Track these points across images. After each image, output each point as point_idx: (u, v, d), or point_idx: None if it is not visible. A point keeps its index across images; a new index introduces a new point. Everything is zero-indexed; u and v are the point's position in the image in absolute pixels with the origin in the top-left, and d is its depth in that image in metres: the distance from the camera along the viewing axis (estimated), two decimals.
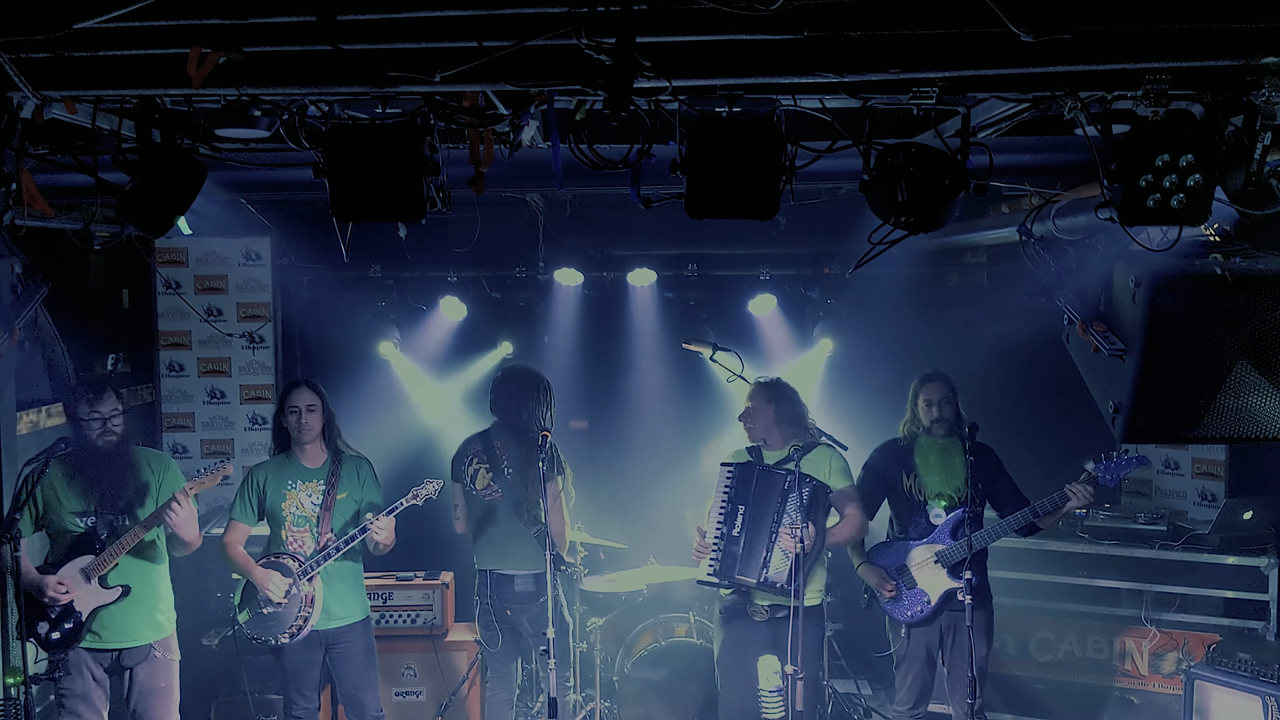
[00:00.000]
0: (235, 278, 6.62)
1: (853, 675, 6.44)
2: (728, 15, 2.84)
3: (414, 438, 7.22)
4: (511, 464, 5.04)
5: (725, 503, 4.82)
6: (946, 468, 4.92)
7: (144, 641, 4.53)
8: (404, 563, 6.35)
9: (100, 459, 4.43)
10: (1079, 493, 4.72)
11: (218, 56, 3.08)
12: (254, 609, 4.77)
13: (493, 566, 5.09)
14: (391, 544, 4.82)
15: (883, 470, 5.09)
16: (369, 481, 4.95)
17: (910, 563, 4.95)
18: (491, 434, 5.19)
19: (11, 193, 3.58)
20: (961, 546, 4.76)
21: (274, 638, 4.73)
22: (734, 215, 3.42)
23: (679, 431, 6.99)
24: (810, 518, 4.59)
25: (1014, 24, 2.88)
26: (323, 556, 4.74)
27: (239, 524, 4.88)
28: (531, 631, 5.06)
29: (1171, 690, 5.79)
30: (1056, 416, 6.39)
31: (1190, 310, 3.38)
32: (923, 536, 4.93)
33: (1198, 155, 3.26)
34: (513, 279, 6.99)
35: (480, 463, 5.14)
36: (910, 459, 5.01)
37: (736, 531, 4.73)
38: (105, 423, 4.43)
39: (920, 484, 4.95)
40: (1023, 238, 4.43)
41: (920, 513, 4.96)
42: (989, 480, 4.95)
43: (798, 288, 7.22)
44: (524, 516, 4.99)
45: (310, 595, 4.73)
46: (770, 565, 4.64)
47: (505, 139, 3.56)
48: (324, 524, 4.80)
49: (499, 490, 5.05)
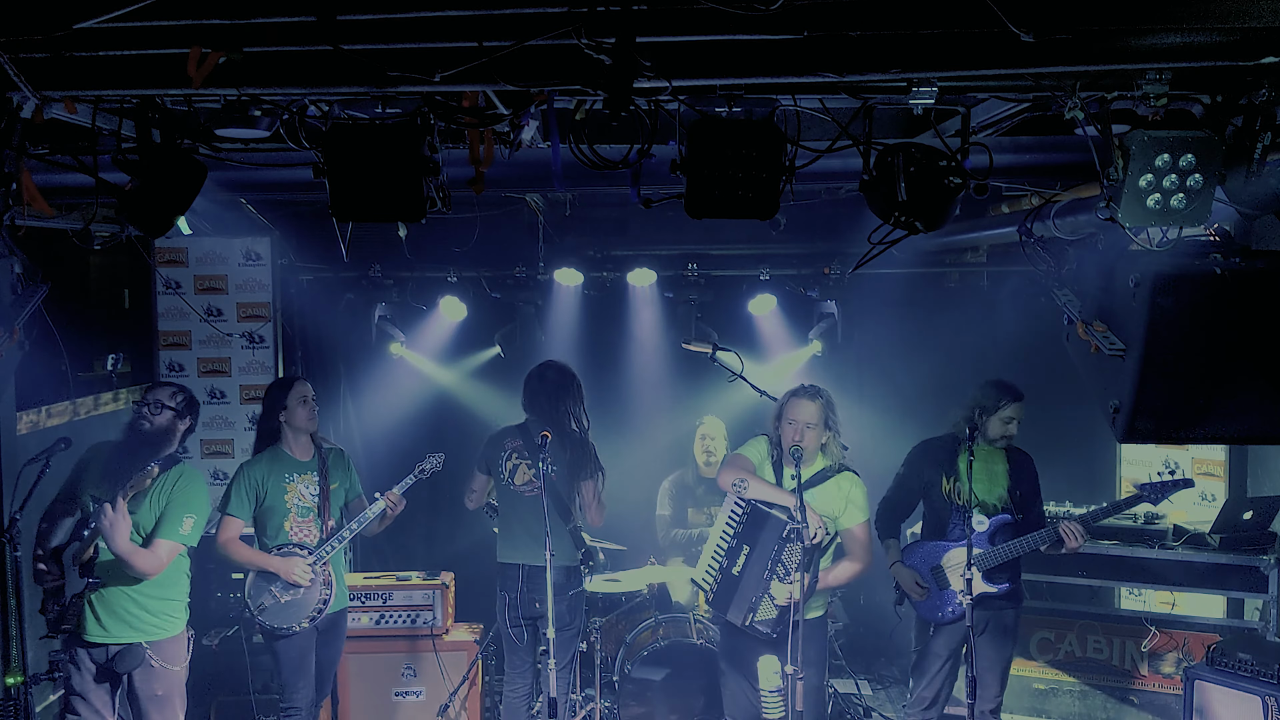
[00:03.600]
0: (235, 278, 6.61)
1: (853, 675, 6.44)
2: (728, 15, 2.83)
3: (414, 437, 7.23)
4: (557, 461, 5.03)
5: (731, 536, 4.71)
6: (989, 474, 4.88)
7: (132, 640, 4.40)
8: (404, 563, 6.37)
9: (126, 446, 4.44)
10: (1071, 533, 4.76)
11: (218, 56, 3.08)
12: (271, 599, 4.87)
13: (524, 560, 5.10)
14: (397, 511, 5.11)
15: (922, 470, 5.06)
16: (352, 470, 5.24)
17: (945, 564, 4.94)
18: (530, 429, 5.19)
19: (11, 193, 3.58)
20: (999, 552, 4.79)
21: (296, 624, 4.88)
22: (734, 215, 3.42)
23: (679, 431, 6.98)
24: (806, 568, 4.48)
25: (1014, 24, 2.88)
26: (336, 539, 4.97)
27: (235, 519, 4.90)
28: (557, 626, 4.93)
29: (1171, 690, 5.80)
30: (1056, 417, 6.39)
31: (1190, 310, 3.38)
32: (960, 539, 4.79)
33: (1198, 155, 3.26)
34: (513, 279, 6.99)
35: (520, 458, 5.18)
36: (953, 462, 4.93)
37: (736, 570, 4.66)
38: (141, 409, 4.48)
39: (962, 487, 4.85)
40: (1023, 238, 4.44)
41: (960, 516, 4.91)
42: (1029, 489, 4.97)
43: (798, 288, 7.22)
44: (564, 512, 5.06)
45: (329, 577, 4.95)
46: (758, 612, 4.61)
47: (505, 139, 3.56)
48: (325, 513, 4.99)
49: (539, 485, 4.92)
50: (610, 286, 7.27)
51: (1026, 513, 4.93)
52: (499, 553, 5.28)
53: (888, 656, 7.25)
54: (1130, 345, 3.46)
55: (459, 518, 6.66)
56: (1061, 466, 6.23)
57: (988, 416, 4.87)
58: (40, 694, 5.08)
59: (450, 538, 7.29)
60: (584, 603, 5.39)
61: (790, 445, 4.61)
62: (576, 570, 5.21)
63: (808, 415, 4.65)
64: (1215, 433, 3.55)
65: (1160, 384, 3.42)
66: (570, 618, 5.16)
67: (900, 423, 6.88)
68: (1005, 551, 4.81)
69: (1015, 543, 4.81)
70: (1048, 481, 5.15)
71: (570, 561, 5.14)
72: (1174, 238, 3.47)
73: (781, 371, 7.16)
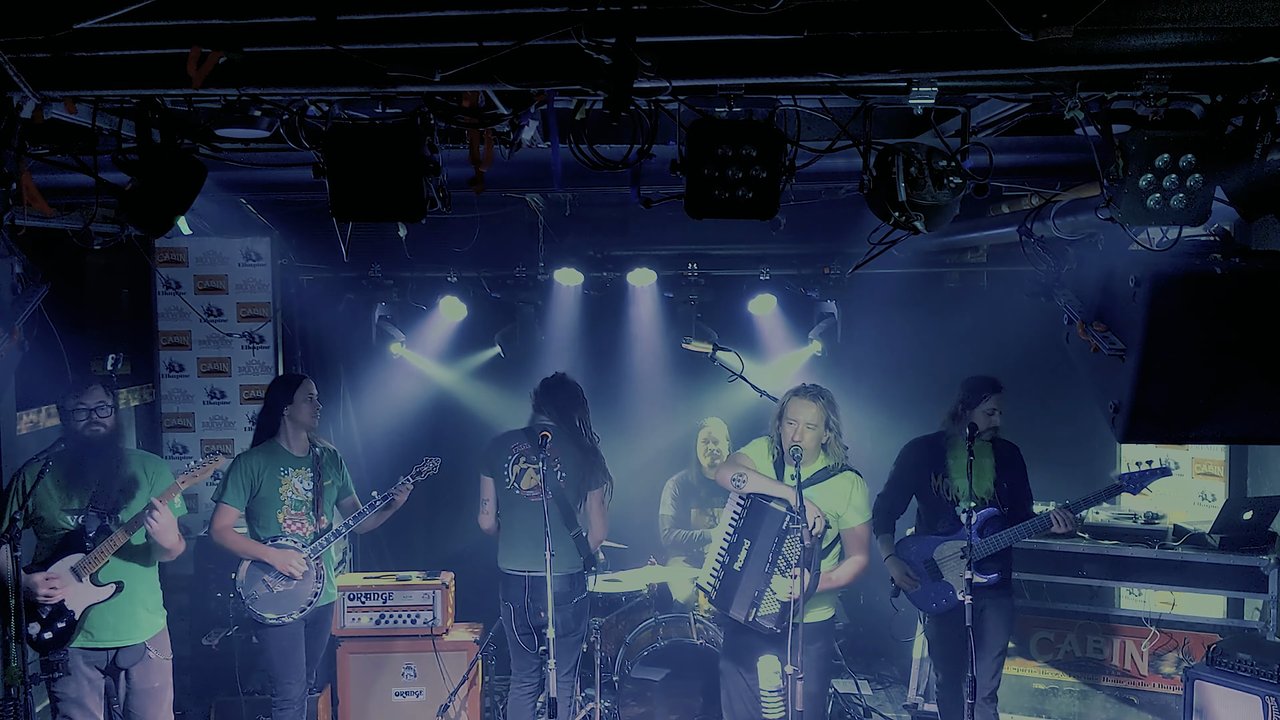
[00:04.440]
0: (235, 278, 6.62)
1: (852, 675, 6.44)
2: (728, 15, 2.83)
3: (415, 437, 7.23)
4: (566, 468, 5.04)
5: (733, 532, 4.73)
6: (977, 468, 4.93)
7: (138, 640, 4.52)
8: (404, 563, 6.36)
9: (89, 454, 4.41)
10: (1060, 520, 4.88)
11: (218, 56, 3.07)
12: (264, 589, 4.94)
13: (527, 569, 5.03)
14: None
15: (915, 467, 5.18)
16: (344, 470, 5.31)
17: (938, 556, 5.06)
18: (536, 432, 5.09)
19: (11, 193, 3.58)
20: (988, 544, 4.89)
21: (288, 615, 4.95)
22: (734, 215, 3.42)
23: (680, 431, 6.98)
24: (807, 564, 4.49)
25: (1014, 24, 2.88)
26: (333, 534, 5.05)
27: (230, 508, 4.96)
28: (561, 633, 4.97)
29: (1171, 690, 5.79)
30: (1056, 417, 6.40)
31: (1190, 310, 3.38)
32: (951, 532, 5.02)
33: (1198, 155, 3.26)
34: (513, 279, 6.99)
35: (528, 462, 5.10)
36: (943, 459, 5.08)
37: (738, 566, 4.66)
38: (90, 414, 4.38)
39: (950, 484, 5.04)
40: (1023, 238, 4.44)
41: (949, 510, 5.05)
42: (1016, 480, 5.08)
43: (798, 288, 7.22)
44: (568, 519, 5.04)
45: (321, 571, 5.03)
46: (760, 607, 4.61)
47: (505, 139, 3.56)
48: (319, 508, 5.07)
49: (548, 491, 4.84)
50: (610, 286, 7.27)
51: (1014, 504, 5.04)
52: (501, 559, 5.18)
53: (888, 656, 7.25)
54: (1130, 345, 3.47)
55: (459, 518, 6.65)
56: (1061, 466, 6.24)
57: (971, 411, 4.99)
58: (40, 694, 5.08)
59: (450, 538, 7.29)
60: (589, 609, 5.35)
61: (790, 445, 4.61)
62: (581, 577, 5.19)
63: (808, 415, 4.66)
64: (1215, 433, 3.55)
65: (1160, 384, 3.42)
66: (575, 624, 5.15)
67: (900, 422, 6.86)
68: (995, 542, 4.90)
69: (1005, 533, 4.92)
70: (1047, 481, 5.16)
71: (573, 569, 5.10)
72: (1174, 238, 3.47)
73: (782, 371, 7.17)
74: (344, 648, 6.00)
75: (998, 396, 5.01)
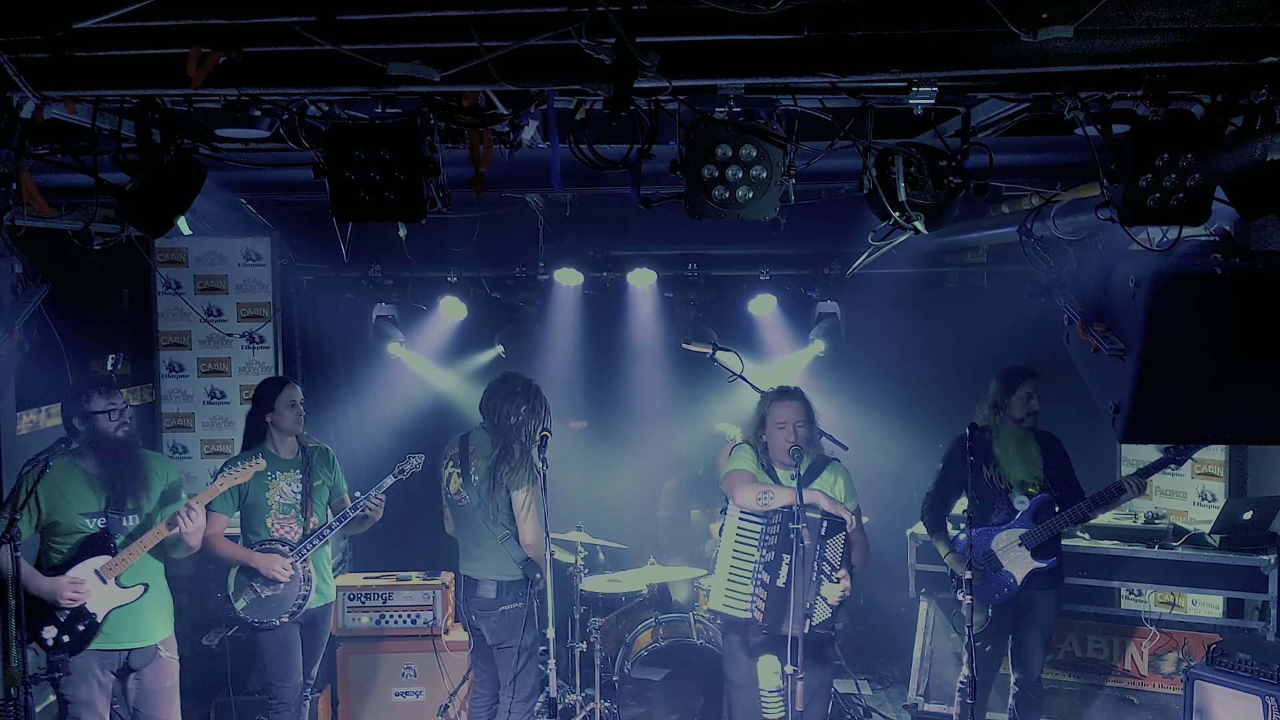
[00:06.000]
0: (235, 278, 6.62)
1: (852, 675, 6.44)
2: (728, 15, 2.83)
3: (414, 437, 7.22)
4: (478, 470, 4.97)
5: (765, 549, 4.58)
6: (1025, 457, 5.15)
7: (153, 641, 4.52)
8: (404, 563, 6.36)
9: (112, 455, 4.40)
10: (1133, 485, 5.00)
11: (218, 56, 3.08)
12: (251, 594, 4.96)
13: (465, 571, 5.08)
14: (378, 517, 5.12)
15: (963, 461, 5.07)
16: (336, 468, 5.29)
17: (996, 547, 5.15)
18: (470, 437, 5.09)
19: (11, 193, 3.58)
20: (1045, 529, 5.05)
21: (276, 619, 4.96)
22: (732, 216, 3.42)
23: (679, 431, 6.99)
24: (846, 563, 4.52)
25: (1014, 24, 2.88)
26: (317, 537, 5.02)
27: (220, 516, 4.95)
28: (491, 642, 5.01)
29: (1171, 690, 5.79)
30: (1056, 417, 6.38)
31: (1190, 310, 3.38)
32: (1006, 522, 5.13)
33: (1198, 155, 3.26)
34: (513, 279, 6.99)
35: (455, 466, 5.08)
36: (990, 450, 5.17)
37: (781, 583, 4.52)
38: (121, 415, 4.42)
39: (1001, 473, 5.16)
40: (1023, 238, 4.45)
41: (1003, 500, 5.16)
42: (1063, 467, 5.22)
43: (798, 288, 7.22)
44: (490, 522, 4.91)
45: (309, 574, 5.02)
46: (814, 617, 4.52)
47: (505, 139, 3.56)
48: (308, 510, 5.06)
49: (467, 496, 4.96)
50: (610, 286, 7.27)
51: (1064, 489, 5.17)
52: None
53: (888, 656, 7.25)
54: (1130, 345, 3.47)
55: None
56: None
57: (1010, 399, 5.14)
58: (40, 694, 5.08)
59: (450, 538, 7.27)
60: (530, 620, 5.00)
61: (789, 445, 4.61)
62: (517, 585, 4.92)
63: (796, 414, 4.71)
64: (1215, 433, 3.56)
65: (1160, 384, 3.42)
66: (508, 635, 4.93)
67: (901, 422, 6.89)
68: (1054, 525, 5.04)
69: (1078, 506, 5.05)
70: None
71: (503, 575, 4.91)
72: (1174, 238, 3.47)
73: (782, 371, 7.16)
74: (344, 648, 6.01)
75: (1034, 381, 5.16)
